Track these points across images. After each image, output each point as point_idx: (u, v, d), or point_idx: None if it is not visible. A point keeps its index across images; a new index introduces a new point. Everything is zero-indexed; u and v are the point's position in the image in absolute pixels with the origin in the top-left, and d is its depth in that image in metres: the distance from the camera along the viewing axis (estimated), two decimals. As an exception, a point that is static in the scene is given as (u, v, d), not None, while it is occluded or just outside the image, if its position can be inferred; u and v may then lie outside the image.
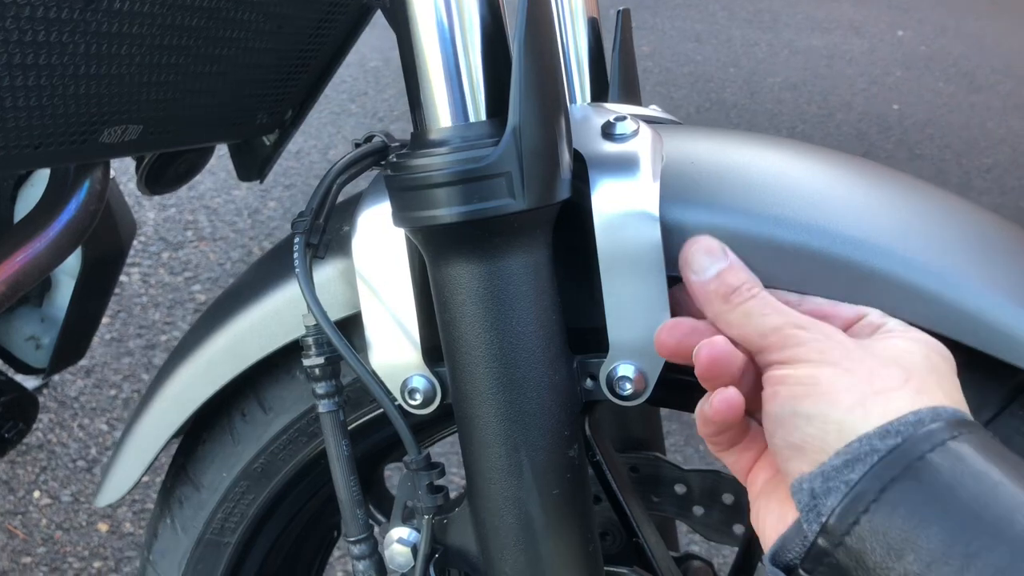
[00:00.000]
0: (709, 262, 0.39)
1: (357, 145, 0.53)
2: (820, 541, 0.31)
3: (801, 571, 0.32)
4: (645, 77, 3.02)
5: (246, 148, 0.85)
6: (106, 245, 0.83)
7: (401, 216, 0.41)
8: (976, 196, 2.63)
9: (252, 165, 0.86)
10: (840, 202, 0.43)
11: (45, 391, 1.40)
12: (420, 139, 0.40)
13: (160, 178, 0.81)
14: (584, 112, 0.51)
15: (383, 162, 0.53)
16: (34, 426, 1.12)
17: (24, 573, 1.18)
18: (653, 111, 0.56)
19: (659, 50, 3.30)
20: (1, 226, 0.78)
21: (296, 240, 0.46)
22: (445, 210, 0.38)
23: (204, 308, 1.64)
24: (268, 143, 0.84)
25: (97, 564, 1.20)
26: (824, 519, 0.31)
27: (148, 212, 1.89)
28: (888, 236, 0.41)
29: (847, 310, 0.39)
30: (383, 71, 2.74)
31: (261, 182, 0.89)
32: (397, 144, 0.53)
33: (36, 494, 1.28)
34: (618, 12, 0.60)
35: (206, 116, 0.71)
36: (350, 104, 2.52)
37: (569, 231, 0.43)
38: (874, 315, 0.38)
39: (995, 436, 0.32)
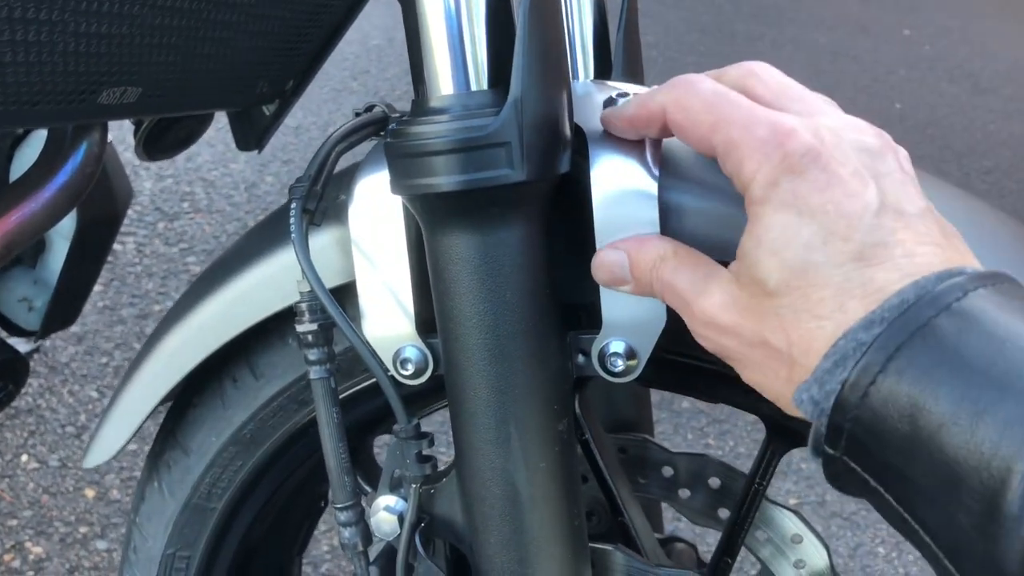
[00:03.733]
0: (616, 276, 0.40)
1: (357, 114, 0.53)
2: (836, 418, 0.31)
3: (827, 450, 0.32)
4: (649, 67, 3.01)
5: (245, 117, 0.84)
6: (101, 209, 0.83)
7: (399, 183, 0.41)
8: (974, 198, 2.64)
9: (251, 134, 0.85)
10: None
11: (36, 356, 1.40)
12: (421, 106, 0.40)
13: (158, 143, 0.81)
14: (587, 88, 0.51)
15: (383, 132, 0.53)
16: (24, 391, 1.12)
17: (10, 536, 1.18)
18: (656, 92, 0.56)
19: (664, 40, 3.29)
20: (-3, 184, 0.78)
21: (293, 205, 0.45)
22: (443, 178, 0.38)
23: (198, 279, 1.64)
24: (268, 113, 0.84)
25: (83, 529, 1.20)
26: (827, 416, 0.32)
27: (145, 182, 1.88)
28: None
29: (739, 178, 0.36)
30: (386, 49, 2.73)
31: (259, 152, 0.88)
32: (397, 115, 0.53)
33: (24, 458, 1.28)
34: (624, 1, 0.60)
35: (207, 82, 0.71)
36: (351, 81, 2.51)
37: (566, 206, 0.43)
38: (751, 182, 0.34)
39: (1015, 281, 0.31)
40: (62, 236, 0.82)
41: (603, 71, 0.60)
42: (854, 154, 0.34)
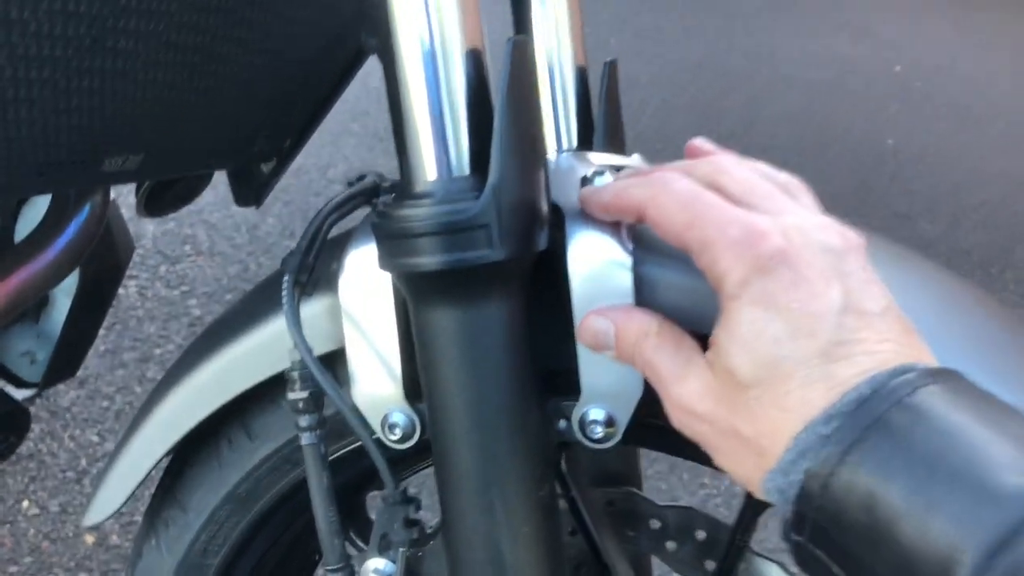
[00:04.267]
0: (600, 342, 0.43)
1: (350, 184, 0.56)
2: (800, 507, 0.33)
3: (794, 536, 0.34)
4: (643, 106, 3.05)
5: (244, 174, 0.87)
6: (104, 264, 0.85)
7: (387, 261, 0.43)
8: (964, 233, 2.67)
9: (250, 191, 0.88)
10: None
11: (37, 401, 1.42)
12: (407, 190, 0.42)
13: (159, 201, 0.83)
14: (568, 162, 0.54)
15: (374, 200, 0.55)
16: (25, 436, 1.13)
17: (9, 583, 1.19)
18: (634, 161, 0.58)
19: (658, 78, 3.34)
20: (2, 243, 0.80)
21: (286, 278, 0.48)
22: (427, 258, 0.40)
23: (199, 323, 1.66)
24: (266, 170, 0.86)
25: (83, 575, 1.21)
26: (792, 505, 0.34)
27: (147, 225, 1.91)
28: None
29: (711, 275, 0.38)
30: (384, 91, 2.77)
31: (257, 207, 0.91)
32: (388, 184, 0.55)
33: (25, 504, 1.29)
34: (605, 64, 0.63)
35: (205, 145, 0.73)
36: (351, 123, 2.55)
37: (545, 276, 0.45)
38: (724, 279, 0.36)
39: (964, 378, 0.33)
40: (65, 292, 0.85)
41: (586, 139, 0.62)
42: (820, 255, 0.36)
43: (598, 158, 0.56)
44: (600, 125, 0.62)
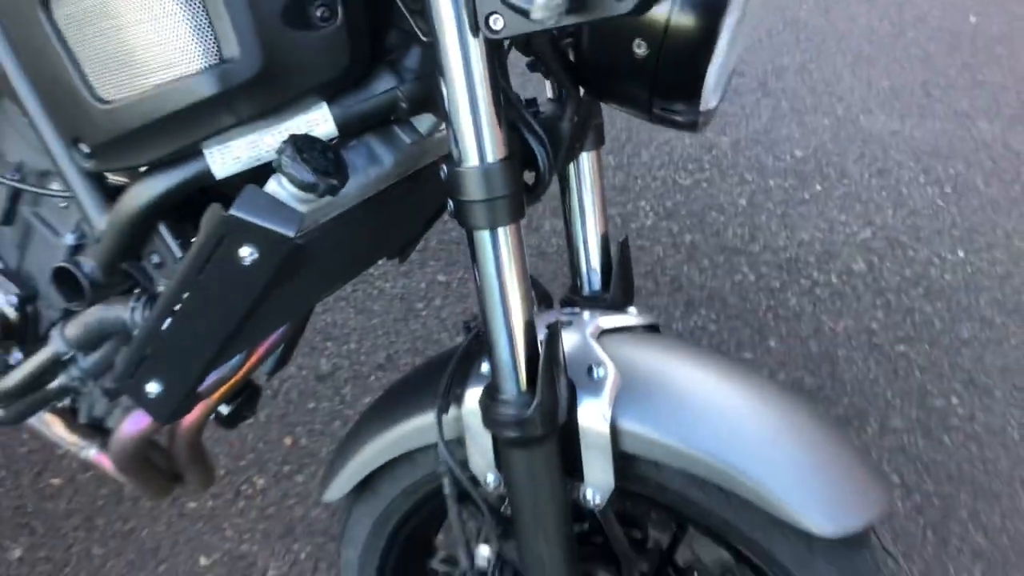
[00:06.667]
0: None
1: (467, 328, 0.97)
2: None
3: None
4: None
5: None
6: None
7: (487, 424, 0.85)
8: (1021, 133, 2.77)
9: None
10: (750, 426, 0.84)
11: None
12: (495, 393, 0.83)
13: (233, 419, 1.29)
14: (582, 329, 0.91)
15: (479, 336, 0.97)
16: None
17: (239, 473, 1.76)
18: (635, 317, 0.96)
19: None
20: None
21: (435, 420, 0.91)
22: (506, 433, 0.82)
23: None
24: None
25: (287, 468, 1.78)
26: None
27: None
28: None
29: None
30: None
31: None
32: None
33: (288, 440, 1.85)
34: (619, 243, 0.99)
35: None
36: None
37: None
38: None
39: None
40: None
41: (605, 284, 1.00)
42: None
43: (606, 321, 0.95)
44: (615, 283, 0.99)
